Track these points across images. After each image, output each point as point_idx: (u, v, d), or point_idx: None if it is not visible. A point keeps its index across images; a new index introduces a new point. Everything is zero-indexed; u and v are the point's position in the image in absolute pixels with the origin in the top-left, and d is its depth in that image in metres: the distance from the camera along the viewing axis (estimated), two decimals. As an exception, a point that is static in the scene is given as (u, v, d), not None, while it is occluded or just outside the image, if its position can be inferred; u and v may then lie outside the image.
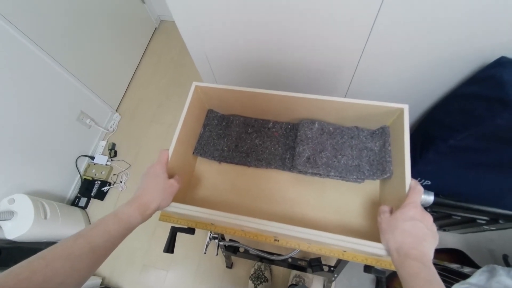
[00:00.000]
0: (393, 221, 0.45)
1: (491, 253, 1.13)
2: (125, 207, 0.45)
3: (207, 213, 0.52)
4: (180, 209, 0.53)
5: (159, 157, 0.54)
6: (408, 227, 0.43)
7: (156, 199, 0.48)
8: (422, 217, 0.44)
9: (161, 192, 0.50)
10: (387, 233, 0.45)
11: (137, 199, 0.47)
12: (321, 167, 0.61)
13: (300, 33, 0.68)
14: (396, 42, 0.64)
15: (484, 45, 0.60)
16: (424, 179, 0.77)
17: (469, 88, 0.66)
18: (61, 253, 0.36)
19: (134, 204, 0.46)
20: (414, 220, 0.43)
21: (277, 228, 0.49)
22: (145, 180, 0.51)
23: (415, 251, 0.40)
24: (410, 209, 0.44)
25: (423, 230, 0.42)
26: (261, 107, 0.68)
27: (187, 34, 0.74)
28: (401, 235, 0.43)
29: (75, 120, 1.42)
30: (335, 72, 0.77)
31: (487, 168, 0.68)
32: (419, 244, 0.41)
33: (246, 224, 0.50)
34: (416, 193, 0.47)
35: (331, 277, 1.00)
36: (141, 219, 0.46)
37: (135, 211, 0.45)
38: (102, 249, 0.40)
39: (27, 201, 1.11)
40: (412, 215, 0.44)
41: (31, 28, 1.11)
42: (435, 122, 0.74)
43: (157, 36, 2.01)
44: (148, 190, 0.49)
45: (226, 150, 0.70)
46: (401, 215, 0.45)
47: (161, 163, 0.53)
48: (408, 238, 0.42)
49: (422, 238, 0.42)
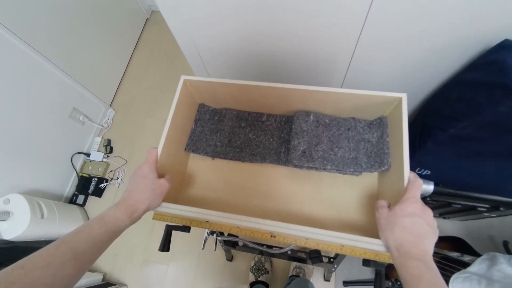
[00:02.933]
0: (392, 217, 0.43)
1: (491, 239, 1.13)
2: (112, 210, 0.43)
3: (200, 213, 0.50)
4: (172, 209, 0.52)
5: (146, 157, 0.52)
6: (408, 224, 0.41)
7: (144, 200, 0.47)
8: (422, 213, 0.42)
9: (150, 193, 0.48)
10: (386, 229, 0.43)
11: (124, 201, 0.45)
12: (317, 161, 0.59)
13: (293, 21, 0.65)
14: (392, 28, 0.61)
15: (485, 28, 0.57)
16: (423, 169, 0.76)
17: (469, 74, 0.63)
18: (41, 262, 0.34)
19: (122, 206, 0.44)
20: (414, 216, 0.41)
21: (272, 227, 0.47)
22: (133, 181, 0.49)
23: (416, 250, 0.39)
24: (409, 204, 0.43)
25: (424, 227, 0.41)
26: (254, 100, 0.66)
27: (175, 27, 0.71)
28: (401, 232, 0.41)
29: (67, 117, 1.39)
30: (330, 62, 0.74)
31: (488, 156, 0.66)
32: (420, 242, 0.40)
33: (240, 223, 0.48)
34: (416, 187, 0.45)
35: (331, 268, 1.00)
36: (129, 221, 0.44)
37: (122, 214, 0.43)
38: (86, 255, 0.38)
39: (22, 201, 1.10)
40: (412, 210, 0.42)
41: (15, 23, 1.06)
42: (434, 111, 0.71)
43: (148, 27, 1.95)
44: (136, 192, 0.47)
45: (219, 145, 0.68)
46: (400, 210, 0.43)
47: (149, 163, 0.51)
48: (408, 235, 0.41)
49: (423, 235, 0.40)
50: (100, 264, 1.36)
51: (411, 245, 0.39)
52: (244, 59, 0.78)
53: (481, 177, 0.73)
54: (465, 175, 0.74)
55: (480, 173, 0.72)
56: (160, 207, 0.52)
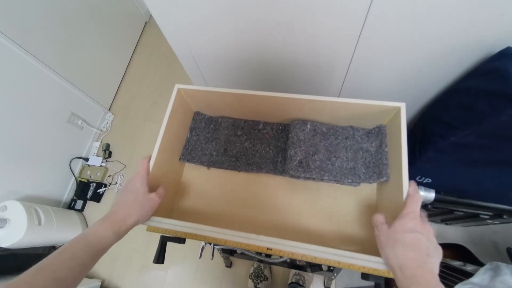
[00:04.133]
0: (392, 234, 0.42)
1: (494, 245, 1.11)
2: (97, 226, 0.42)
3: (193, 228, 0.49)
4: (164, 224, 0.51)
5: (138, 169, 0.51)
6: (409, 240, 0.40)
7: (133, 215, 0.46)
8: (423, 229, 0.40)
9: (139, 208, 0.47)
10: (387, 247, 0.42)
11: (111, 215, 0.44)
12: (314, 171, 0.57)
13: (290, 27, 0.64)
14: (391, 34, 0.60)
15: (487, 35, 0.55)
16: (424, 177, 0.74)
17: (470, 82, 0.61)
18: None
19: (107, 222, 0.43)
20: (414, 232, 0.40)
21: (267, 243, 0.46)
22: (123, 194, 0.48)
23: (421, 271, 0.37)
24: (409, 220, 0.41)
25: (426, 244, 0.39)
26: (250, 108, 0.65)
27: (170, 34, 0.70)
28: (402, 250, 0.39)
29: (66, 122, 1.38)
30: (329, 67, 0.72)
31: (489, 164, 0.64)
32: (424, 262, 0.38)
33: (235, 239, 0.47)
34: (415, 201, 0.43)
35: (331, 276, 0.98)
36: (115, 238, 0.43)
37: (107, 230, 0.42)
38: (68, 279, 0.36)
39: (19, 208, 1.09)
40: (412, 226, 0.40)
41: (11, 28, 1.05)
42: (434, 118, 0.69)
43: (148, 31, 1.94)
44: (125, 206, 0.46)
45: (215, 154, 0.66)
46: (400, 226, 0.41)
47: (141, 176, 0.50)
48: (410, 252, 0.39)
49: (426, 253, 0.38)
50: (98, 270, 1.35)
51: (415, 265, 0.38)
52: (241, 66, 0.77)
53: (482, 184, 0.71)
54: (467, 182, 0.72)
55: (481, 181, 0.70)
56: (152, 222, 0.51)
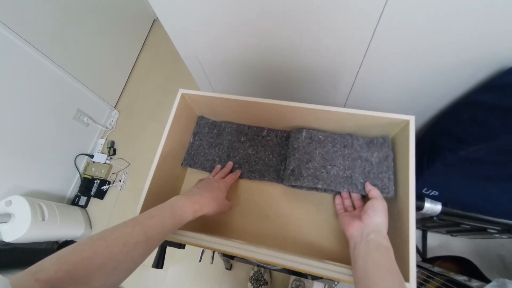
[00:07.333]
0: (374, 202, 0.49)
1: (501, 259, 1.08)
2: (181, 202, 0.45)
3: (192, 237, 0.48)
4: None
5: (226, 179, 0.59)
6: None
7: (210, 207, 0.50)
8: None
9: (216, 206, 0.52)
10: (368, 215, 0.48)
11: (195, 197, 0.48)
12: (306, 179, 0.54)
13: (299, 32, 0.62)
14: (401, 43, 0.58)
15: (502, 48, 0.53)
16: (431, 189, 0.72)
17: (482, 96, 0.59)
18: (119, 238, 0.36)
19: (190, 202, 0.46)
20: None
21: (266, 256, 0.45)
22: (209, 186, 0.53)
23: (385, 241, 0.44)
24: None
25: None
26: (254, 115, 0.64)
27: (176, 37, 0.69)
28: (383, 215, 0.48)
29: (71, 119, 1.39)
30: (336, 74, 0.71)
31: (499, 180, 0.62)
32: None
33: (233, 250, 0.46)
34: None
35: (332, 284, 0.97)
36: (192, 218, 0.46)
37: (190, 208, 0.45)
38: (155, 240, 0.40)
39: (24, 203, 1.10)
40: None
41: (19, 24, 1.06)
42: (444, 130, 0.67)
43: (156, 28, 1.94)
44: (208, 197, 0.50)
45: (218, 160, 0.65)
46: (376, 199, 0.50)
47: (226, 183, 0.58)
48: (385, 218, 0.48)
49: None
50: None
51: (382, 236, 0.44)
52: (247, 71, 0.75)
53: (491, 200, 0.69)
54: (475, 197, 0.70)
55: (490, 196, 0.68)
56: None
